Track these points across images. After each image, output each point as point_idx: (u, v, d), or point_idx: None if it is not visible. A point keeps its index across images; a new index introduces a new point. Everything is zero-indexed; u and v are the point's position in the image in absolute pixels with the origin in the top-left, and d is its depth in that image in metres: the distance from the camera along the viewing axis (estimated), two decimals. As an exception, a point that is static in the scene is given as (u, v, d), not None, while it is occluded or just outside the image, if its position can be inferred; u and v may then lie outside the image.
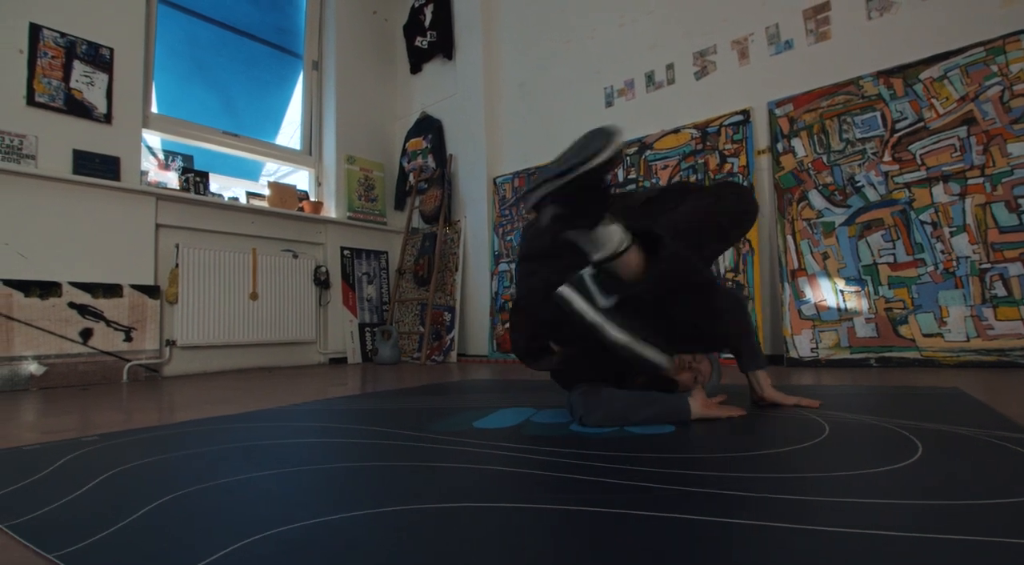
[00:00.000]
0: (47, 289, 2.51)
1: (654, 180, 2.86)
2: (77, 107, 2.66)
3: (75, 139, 2.65)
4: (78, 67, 2.68)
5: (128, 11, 2.90)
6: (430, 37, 4.03)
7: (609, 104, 3.13)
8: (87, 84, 2.70)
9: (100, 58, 2.75)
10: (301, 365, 3.50)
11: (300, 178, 4.03)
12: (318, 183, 3.98)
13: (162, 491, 0.74)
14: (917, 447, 0.85)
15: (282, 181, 3.92)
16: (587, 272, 0.93)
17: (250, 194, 3.50)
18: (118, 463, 0.91)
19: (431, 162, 3.94)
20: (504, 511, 0.63)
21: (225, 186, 3.58)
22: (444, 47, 3.93)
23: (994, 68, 2.04)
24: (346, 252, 3.83)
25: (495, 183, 3.61)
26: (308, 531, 0.58)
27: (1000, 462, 0.75)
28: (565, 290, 0.92)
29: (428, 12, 4.04)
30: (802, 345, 2.32)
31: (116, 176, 2.76)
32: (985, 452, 0.80)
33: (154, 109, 3.15)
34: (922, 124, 2.17)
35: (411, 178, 4.05)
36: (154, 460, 0.93)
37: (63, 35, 2.63)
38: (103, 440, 1.10)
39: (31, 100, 2.53)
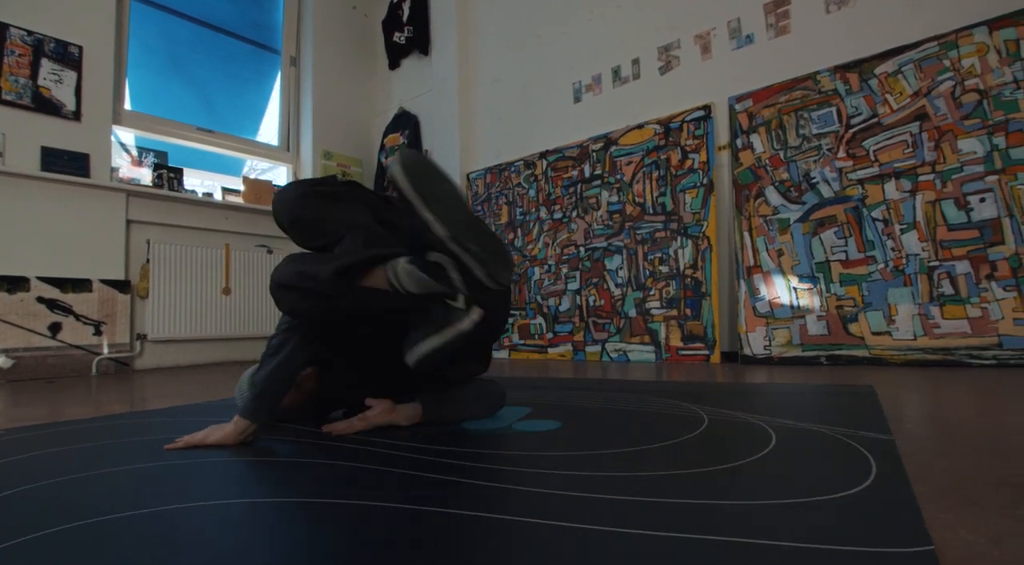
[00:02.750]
0: (15, 284, 2.56)
1: (619, 176, 2.85)
2: (45, 105, 2.70)
3: (43, 136, 2.69)
4: (46, 65, 2.71)
5: (97, 9, 2.92)
6: (407, 32, 4.03)
7: (577, 99, 3.12)
8: (55, 82, 2.74)
9: (69, 56, 2.79)
10: (276, 359, 3.53)
11: (280, 174, 4.07)
12: (296, 179, 4.00)
13: (7, 488, 0.76)
14: (769, 443, 0.85)
15: (263, 177, 3.96)
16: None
17: (225, 190, 3.54)
18: None
19: (408, 158, 3.95)
20: (324, 507, 0.64)
21: (217, 183, 3.62)
22: (420, 43, 3.93)
23: (946, 63, 2.01)
24: (323, 247, 3.85)
25: (468, 178, 3.62)
26: (116, 524, 0.60)
27: (832, 462, 0.75)
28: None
29: (406, 7, 4.04)
30: (756, 342, 2.32)
31: (86, 173, 2.80)
32: (829, 451, 0.80)
33: (127, 106, 3.19)
34: (876, 119, 2.15)
35: (389, 174, 4.06)
36: (34, 455, 0.96)
37: (30, 33, 2.67)
38: (7, 435, 1.13)
39: (-2, 98, 2.57)
